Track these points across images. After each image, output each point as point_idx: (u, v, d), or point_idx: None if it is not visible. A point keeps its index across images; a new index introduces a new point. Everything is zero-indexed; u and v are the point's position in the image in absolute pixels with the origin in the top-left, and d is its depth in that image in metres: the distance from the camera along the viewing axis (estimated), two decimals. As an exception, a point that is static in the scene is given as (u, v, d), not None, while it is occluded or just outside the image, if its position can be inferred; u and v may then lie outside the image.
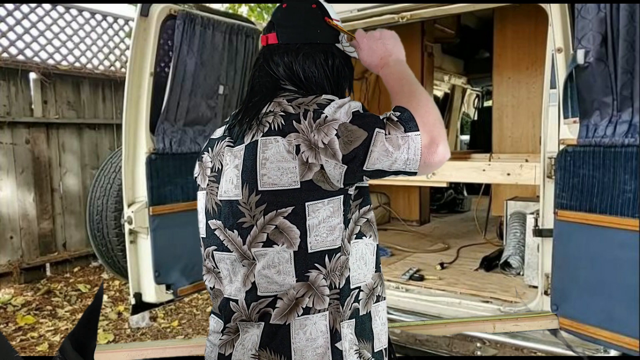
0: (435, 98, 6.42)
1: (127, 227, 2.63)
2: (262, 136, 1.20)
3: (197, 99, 2.81)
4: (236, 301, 1.28)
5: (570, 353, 2.14)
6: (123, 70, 6.26)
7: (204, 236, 1.37)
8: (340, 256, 1.23)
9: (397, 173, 1.14)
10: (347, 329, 1.25)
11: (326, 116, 1.14)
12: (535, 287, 2.49)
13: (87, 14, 6.05)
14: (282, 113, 1.20)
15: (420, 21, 3.75)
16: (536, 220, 2.36)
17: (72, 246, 6.01)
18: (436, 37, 5.35)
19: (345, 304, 1.26)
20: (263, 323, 1.22)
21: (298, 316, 1.20)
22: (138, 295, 2.71)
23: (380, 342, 1.34)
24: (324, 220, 1.20)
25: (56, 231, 5.87)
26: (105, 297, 4.90)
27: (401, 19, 2.79)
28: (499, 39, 4.36)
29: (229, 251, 1.28)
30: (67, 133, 5.94)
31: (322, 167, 1.15)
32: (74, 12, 5.91)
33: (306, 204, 1.18)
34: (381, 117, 1.14)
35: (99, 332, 4.12)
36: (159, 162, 2.68)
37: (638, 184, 1.82)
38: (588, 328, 1.97)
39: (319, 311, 1.22)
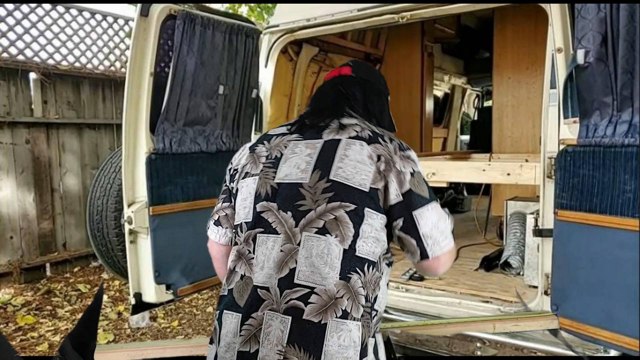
0: (435, 98, 6.41)
1: (127, 227, 2.63)
2: (348, 138, 1.36)
3: (197, 99, 2.81)
4: (267, 289, 1.26)
5: (570, 353, 2.14)
6: (123, 70, 6.25)
7: (249, 220, 1.39)
8: (375, 271, 1.30)
9: (418, 242, 1.32)
10: (370, 347, 1.27)
11: (409, 155, 1.37)
12: (535, 287, 2.49)
13: (87, 14, 6.05)
14: (369, 129, 1.40)
15: (420, 21, 3.75)
16: (536, 220, 2.36)
17: (72, 246, 6.01)
18: (436, 37, 5.35)
19: (373, 321, 1.30)
20: (291, 317, 1.21)
21: (336, 317, 1.21)
22: (138, 295, 2.71)
23: None
24: (374, 231, 1.29)
25: (56, 231, 5.87)
26: (105, 297, 4.90)
27: (401, 19, 2.79)
28: (499, 39, 4.36)
29: (277, 233, 1.31)
30: (67, 133, 5.94)
31: (387, 185, 1.31)
32: (74, 12, 5.91)
33: (366, 209, 1.29)
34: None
35: (99, 332, 4.12)
36: (159, 162, 2.67)
37: (638, 184, 1.82)
38: (588, 328, 1.97)
39: (355, 319, 1.23)
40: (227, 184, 1.56)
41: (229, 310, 1.32)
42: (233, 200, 1.49)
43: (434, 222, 1.32)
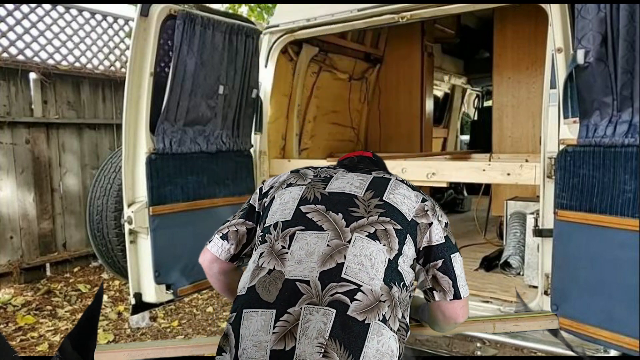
0: (435, 98, 6.41)
1: (127, 227, 2.63)
2: (396, 180, 1.53)
3: (197, 99, 2.81)
4: (307, 282, 1.26)
5: (570, 353, 2.14)
6: (123, 70, 6.25)
7: (288, 219, 1.43)
8: (407, 294, 1.38)
9: (454, 282, 1.46)
10: None
11: (440, 207, 1.55)
12: (535, 287, 2.49)
13: (87, 14, 6.05)
14: (409, 183, 1.56)
15: (420, 21, 3.75)
16: (536, 220, 2.36)
17: (72, 246, 6.01)
18: (436, 37, 5.35)
19: (405, 340, 1.34)
20: (335, 311, 1.21)
21: (378, 319, 1.23)
22: (138, 295, 2.71)
23: None
24: (410, 258, 1.41)
25: (56, 231, 5.87)
26: (105, 297, 4.90)
27: (401, 19, 2.79)
28: (499, 39, 4.36)
29: (322, 230, 1.36)
30: (67, 133, 5.94)
31: (430, 224, 1.45)
32: (74, 12, 5.91)
33: (408, 234, 1.41)
34: None
35: (99, 332, 4.12)
36: (159, 162, 2.68)
37: (638, 184, 1.82)
38: (588, 328, 1.97)
39: (392, 330, 1.26)
40: (251, 202, 1.63)
41: (253, 308, 1.28)
42: (252, 219, 1.59)
43: (461, 268, 1.49)
